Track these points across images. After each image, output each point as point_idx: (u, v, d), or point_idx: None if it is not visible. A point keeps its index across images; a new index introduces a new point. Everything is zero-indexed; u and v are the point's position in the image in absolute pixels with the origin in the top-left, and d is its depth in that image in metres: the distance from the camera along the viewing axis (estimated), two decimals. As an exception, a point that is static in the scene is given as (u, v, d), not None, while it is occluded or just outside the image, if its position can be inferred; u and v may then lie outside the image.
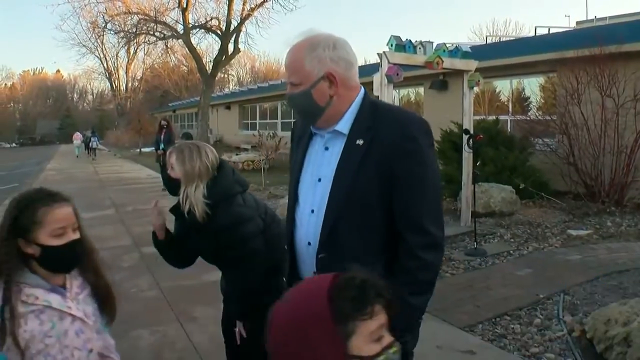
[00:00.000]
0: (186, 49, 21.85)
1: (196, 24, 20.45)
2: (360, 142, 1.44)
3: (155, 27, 20.56)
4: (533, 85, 10.18)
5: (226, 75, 45.45)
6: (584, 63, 7.46)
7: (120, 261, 5.51)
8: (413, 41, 5.65)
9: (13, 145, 59.19)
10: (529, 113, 9.82)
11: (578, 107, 7.59)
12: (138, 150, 27.14)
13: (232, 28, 19.72)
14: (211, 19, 20.21)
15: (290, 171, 1.66)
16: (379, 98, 5.04)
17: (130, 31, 20.95)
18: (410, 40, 5.62)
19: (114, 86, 43.09)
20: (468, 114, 6.37)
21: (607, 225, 6.49)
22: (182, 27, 19.82)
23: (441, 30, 75.05)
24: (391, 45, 5.48)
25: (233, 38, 19.92)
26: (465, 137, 6.15)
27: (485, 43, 14.59)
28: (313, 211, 1.50)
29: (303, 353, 0.92)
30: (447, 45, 5.98)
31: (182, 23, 19.77)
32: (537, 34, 12.79)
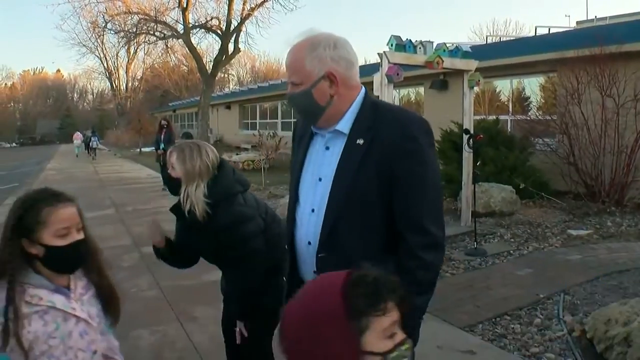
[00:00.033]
0: (186, 49, 21.84)
1: (196, 24, 20.44)
2: (360, 142, 1.43)
3: (155, 27, 20.54)
4: (533, 85, 10.18)
5: (226, 75, 45.49)
6: (584, 63, 7.46)
7: (120, 261, 5.51)
8: (413, 41, 5.65)
9: (13, 145, 59.22)
10: (529, 113, 9.81)
11: (578, 107, 7.58)
12: (138, 150, 27.14)
13: (233, 28, 19.70)
14: (211, 19, 20.21)
15: (291, 171, 1.66)
16: (379, 98, 5.04)
17: (130, 31, 20.94)
18: (410, 40, 5.62)
19: (114, 86, 43.10)
20: (468, 114, 6.37)
21: (608, 225, 6.49)
22: (182, 27, 19.80)
23: (441, 30, 75.15)
24: (391, 45, 5.48)
25: (233, 38, 19.91)
26: (465, 137, 6.15)
27: (485, 43, 14.58)
28: (313, 211, 1.50)
29: (316, 350, 0.92)
30: (448, 45, 5.98)
31: (182, 23, 19.75)
32: (537, 34, 12.78)
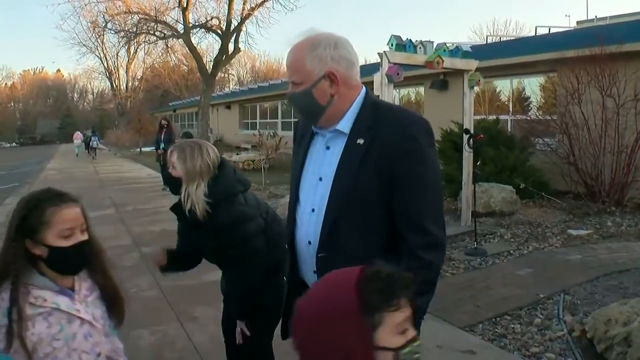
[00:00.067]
0: (186, 49, 21.85)
1: (196, 24, 20.45)
2: (360, 142, 1.43)
3: (155, 27, 20.54)
4: (533, 85, 10.17)
5: (226, 74, 45.48)
6: (585, 63, 7.46)
7: (120, 261, 5.50)
8: (413, 41, 5.65)
9: (13, 144, 59.21)
10: (529, 113, 9.81)
11: (578, 107, 7.58)
12: (138, 149, 27.14)
13: (233, 27, 19.70)
14: (211, 19, 20.20)
15: (291, 170, 1.66)
16: (379, 97, 5.03)
17: (130, 31, 20.94)
18: (410, 39, 5.62)
19: (114, 86, 43.06)
20: (468, 114, 6.37)
21: (608, 225, 6.49)
22: (183, 27, 19.80)
23: (441, 30, 75.18)
24: (391, 44, 5.48)
25: (233, 37, 19.90)
26: (465, 137, 6.15)
27: (485, 43, 14.60)
28: (314, 210, 1.50)
29: (330, 345, 0.93)
30: (448, 44, 5.99)
31: (183, 22, 19.75)
32: (538, 34, 12.79)
